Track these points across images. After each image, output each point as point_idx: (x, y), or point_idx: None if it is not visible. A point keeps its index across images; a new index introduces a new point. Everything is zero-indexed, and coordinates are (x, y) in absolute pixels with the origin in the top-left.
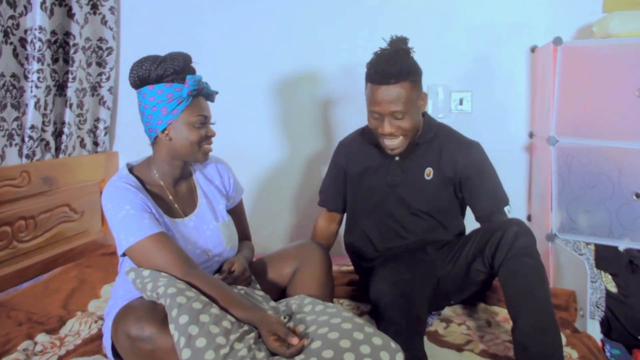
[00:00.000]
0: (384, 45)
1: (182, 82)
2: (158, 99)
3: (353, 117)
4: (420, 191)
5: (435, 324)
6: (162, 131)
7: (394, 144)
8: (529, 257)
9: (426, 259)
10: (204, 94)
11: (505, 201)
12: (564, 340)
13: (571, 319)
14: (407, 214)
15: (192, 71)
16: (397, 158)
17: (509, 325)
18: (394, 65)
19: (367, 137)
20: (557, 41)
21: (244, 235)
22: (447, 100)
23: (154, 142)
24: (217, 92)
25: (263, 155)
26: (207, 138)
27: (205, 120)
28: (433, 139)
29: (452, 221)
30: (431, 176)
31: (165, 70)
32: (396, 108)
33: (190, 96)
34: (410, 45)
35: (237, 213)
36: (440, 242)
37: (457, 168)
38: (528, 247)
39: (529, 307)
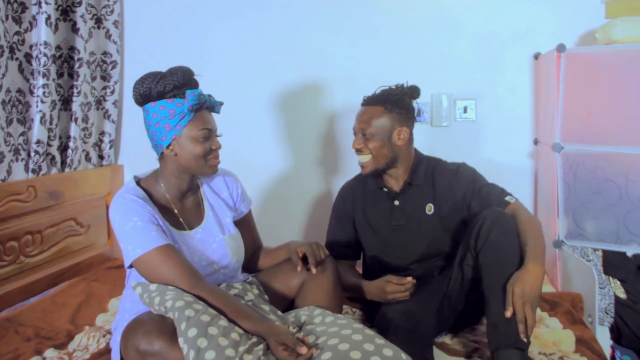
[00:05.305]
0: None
1: (184, 97)
2: (161, 115)
3: None
4: (424, 229)
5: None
6: (167, 147)
7: (362, 160)
8: (503, 239)
9: (432, 282)
10: (207, 106)
11: (505, 192)
12: (572, 346)
13: (579, 319)
14: (412, 255)
15: (194, 84)
16: (396, 202)
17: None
18: (375, 94)
19: (367, 184)
20: (561, 48)
21: (256, 244)
22: (451, 109)
23: (161, 157)
24: (221, 103)
25: (268, 166)
26: (213, 151)
27: (209, 134)
28: (426, 177)
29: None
30: (432, 211)
31: (165, 87)
32: (364, 126)
33: (192, 111)
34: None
35: (247, 223)
36: (443, 267)
37: (455, 193)
38: (505, 230)
39: (500, 289)
